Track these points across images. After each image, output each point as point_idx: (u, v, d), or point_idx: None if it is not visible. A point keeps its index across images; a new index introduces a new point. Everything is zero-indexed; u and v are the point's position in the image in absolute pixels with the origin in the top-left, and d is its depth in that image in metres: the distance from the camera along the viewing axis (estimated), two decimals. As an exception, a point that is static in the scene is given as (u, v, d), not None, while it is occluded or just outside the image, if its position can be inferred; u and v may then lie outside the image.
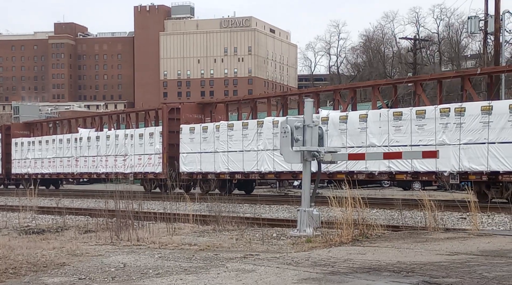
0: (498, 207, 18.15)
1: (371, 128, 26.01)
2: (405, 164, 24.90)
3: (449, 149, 23.39)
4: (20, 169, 46.94)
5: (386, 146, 25.30)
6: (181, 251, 11.14)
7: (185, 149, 33.74)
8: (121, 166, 38.00)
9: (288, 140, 12.90)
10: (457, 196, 24.80)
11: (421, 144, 24.23)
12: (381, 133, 25.66)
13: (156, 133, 35.70)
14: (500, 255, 9.28)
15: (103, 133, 40.28)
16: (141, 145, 36.59)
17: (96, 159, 40.06)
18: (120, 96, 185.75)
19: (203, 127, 33.07)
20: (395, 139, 25.18)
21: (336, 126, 27.11)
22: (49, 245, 12.20)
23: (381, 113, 25.97)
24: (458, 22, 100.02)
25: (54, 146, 43.74)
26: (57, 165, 43.48)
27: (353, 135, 26.55)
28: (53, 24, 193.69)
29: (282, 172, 29.38)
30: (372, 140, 25.94)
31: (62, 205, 22.26)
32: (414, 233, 12.45)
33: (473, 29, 40.31)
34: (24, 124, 52.49)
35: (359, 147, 26.12)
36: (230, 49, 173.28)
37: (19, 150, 46.98)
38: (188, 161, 33.60)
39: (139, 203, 15.70)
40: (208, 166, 32.51)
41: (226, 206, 16.98)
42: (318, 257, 9.66)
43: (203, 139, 32.76)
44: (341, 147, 26.19)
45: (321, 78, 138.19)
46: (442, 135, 23.81)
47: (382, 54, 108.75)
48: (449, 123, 23.63)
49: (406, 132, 24.87)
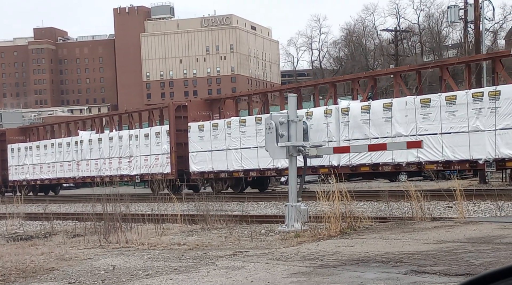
0: (484, 195, 18.27)
1: (397, 117, 24.94)
2: (435, 153, 23.81)
3: (484, 135, 22.44)
4: (17, 176, 45.90)
5: (414, 136, 24.07)
6: (170, 251, 11.14)
7: (195, 147, 32.70)
8: (126, 168, 36.97)
9: (273, 136, 12.93)
10: (443, 185, 24.92)
11: (453, 132, 23.27)
12: (408, 122, 24.57)
13: (162, 132, 34.55)
14: (487, 242, 9.36)
15: (105, 134, 39.14)
16: (147, 146, 35.47)
17: (99, 162, 38.94)
18: (103, 99, 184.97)
19: (213, 124, 31.99)
20: (424, 128, 24.09)
21: (358, 116, 26.12)
22: (37, 250, 12.17)
23: (407, 101, 24.87)
24: (438, 12, 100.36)
25: (54, 150, 42.63)
26: (57, 170, 42.38)
27: (377, 126, 25.47)
28: (33, 29, 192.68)
29: (300, 167, 28.44)
30: (398, 130, 24.91)
31: (50, 210, 22.19)
32: (402, 223, 12.53)
33: (453, 18, 40.48)
34: (19, 129, 51.56)
35: (384, 137, 25.02)
36: (211, 48, 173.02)
37: (16, 156, 45.96)
38: (199, 160, 32.55)
39: (127, 205, 15.68)
40: (220, 165, 31.51)
41: (214, 204, 17.01)
42: (307, 251, 9.71)
43: (214, 137, 31.74)
44: (364, 138, 25.56)
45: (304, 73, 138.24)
46: (476, 121, 22.68)
47: (363, 47, 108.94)
48: (482, 108, 22.44)
49: (435, 119, 23.74)
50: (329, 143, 26.33)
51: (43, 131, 47.03)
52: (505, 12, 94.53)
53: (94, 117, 45.80)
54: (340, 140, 26.64)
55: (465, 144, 23.13)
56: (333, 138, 26.98)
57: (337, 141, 26.66)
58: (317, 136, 27.17)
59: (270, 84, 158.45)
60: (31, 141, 46.18)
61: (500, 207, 16.28)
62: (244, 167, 30.59)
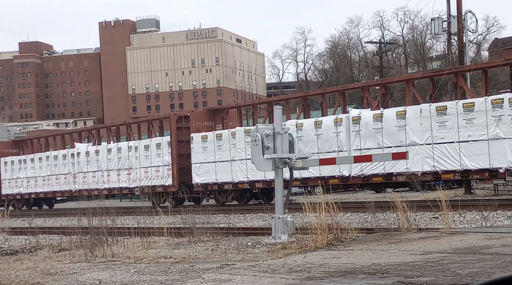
0: (469, 205, 18.35)
1: (411, 125, 24.35)
2: (453, 162, 23.22)
3: (504, 143, 21.93)
4: (11, 189, 44.88)
5: (430, 144, 23.68)
6: (156, 264, 11.09)
7: (198, 159, 32.04)
8: (125, 181, 36.13)
9: (259, 148, 12.94)
10: (429, 196, 24.96)
11: (471, 140, 22.70)
12: (423, 130, 23.96)
13: (163, 143, 33.86)
14: (473, 252, 9.38)
15: (103, 146, 38.22)
16: (147, 157, 34.69)
17: (96, 174, 38.02)
18: (89, 113, 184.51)
19: (217, 135, 31.33)
20: (440, 136, 23.52)
21: (370, 125, 25.55)
22: (22, 265, 12.07)
23: (422, 109, 24.25)
24: (422, 24, 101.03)
25: (49, 163, 41.53)
26: (53, 183, 41.36)
27: (390, 134, 24.90)
28: (18, 43, 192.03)
29: (310, 178, 27.30)
30: (412, 138, 24.32)
31: (35, 225, 22.04)
32: (388, 234, 12.54)
33: (436, 30, 40.74)
34: (12, 142, 50.83)
35: (398, 146, 24.46)
36: (197, 60, 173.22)
37: (9, 169, 44.97)
38: (202, 172, 31.88)
39: (113, 218, 15.61)
40: (224, 176, 30.78)
41: (200, 217, 16.97)
42: (293, 263, 9.69)
43: (218, 148, 31.07)
44: (377, 148, 24.96)
45: (290, 85, 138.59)
46: (495, 128, 22.15)
47: (348, 59, 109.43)
48: (503, 115, 21.92)
49: (452, 127, 23.18)
50: (339, 152, 25.87)
51: (37, 144, 46.09)
52: (488, 24, 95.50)
53: (91, 129, 44.81)
54: (351, 150, 26.01)
55: (484, 152, 22.54)
56: (344, 147, 26.37)
57: (348, 151, 26.04)
58: (326, 145, 26.85)
59: (256, 96, 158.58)
60: (24, 154, 45.20)
61: (486, 217, 16.36)
62: (250, 178, 29.79)
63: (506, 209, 18.89)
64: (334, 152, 26.44)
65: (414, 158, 24.03)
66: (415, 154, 24.04)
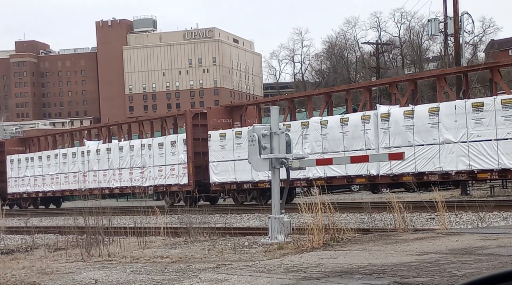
0: (465, 206, 18.37)
1: (445, 123, 23.25)
2: (490, 161, 22.15)
3: None
4: (17, 188, 43.68)
5: (465, 142, 22.68)
6: (153, 264, 11.09)
7: (216, 157, 30.95)
8: (138, 179, 35.05)
9: (256, 148, 12.95)
10: (425, 197, 24.93)
11: (510, 138, 21.64)
12: (458, 128, 22.88)
13: (179, 141, 32.76)
14: (469, 253, 9.40)
15: (115, 144, 37.15)
16: (161, 155, 33.52)
17: (108, 173, 36.85)
18: (86, 112, 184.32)
19: (236, 132, 30.27)
20: (476, 134, 22.41)
21: (400, 122, 24.51)
22: (18, 264, 12.06)
23: (457, 105, 23.10)
24: (419, 25, 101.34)
25: (57, 161, 40.41)
26: (61, 182, 40.23)
27: (421, 132, 23.83)
28: (14, 42, 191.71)
29: (335, 177, 26.67)
30: (446, 136, 23.23)
31: (31, 224, 22.02)
32: (384, 235, 12.55)
33: (433, 31, 40.75)
34: (19, 140, 49.84)
35: (430, 144, 23.58)
36: (194, 60, 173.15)
37: (16, 167, 43.76)
38: (220, 170, 30.89)
39: (109, 218, 15.60)
40: (244, 175, 29.63)
41: (197, 217, 16.97)
42: (290, 263, 9.69)
43: (237, 146, 29.95)
44: (408, 146, 23.95)
45: (287, 86, 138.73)
46: None
47: (345, 60, 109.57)
48: None
49: (489, 124, 22.02)
50: (367, 151, 24.93)
51: (44, 142, 45.24)
52: (484, 25, 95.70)
53: (101, 127, 43.42)
54: (380, 148, 25.14)
55: None
56: (372, 145, 25.45)
57: (376, 149, 25.15)
58: (353, 143, 25.94)
59: (253, 96, 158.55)
60: (31, 152, 44.18)
61: (482, 218, 16.38)
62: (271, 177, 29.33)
63: (502, 210, 18.93)
64: (362, 150, 25.40)
65: (448, 156, 23.16)
66: (448, 152, 23.18)
